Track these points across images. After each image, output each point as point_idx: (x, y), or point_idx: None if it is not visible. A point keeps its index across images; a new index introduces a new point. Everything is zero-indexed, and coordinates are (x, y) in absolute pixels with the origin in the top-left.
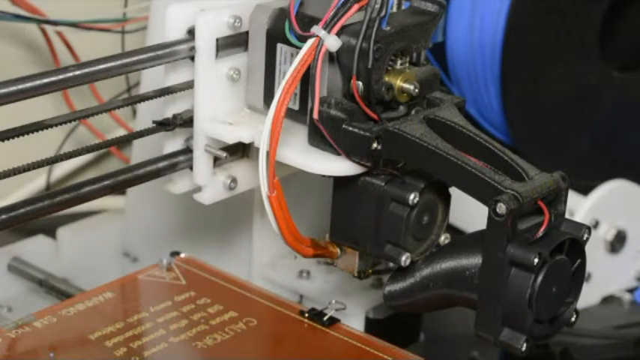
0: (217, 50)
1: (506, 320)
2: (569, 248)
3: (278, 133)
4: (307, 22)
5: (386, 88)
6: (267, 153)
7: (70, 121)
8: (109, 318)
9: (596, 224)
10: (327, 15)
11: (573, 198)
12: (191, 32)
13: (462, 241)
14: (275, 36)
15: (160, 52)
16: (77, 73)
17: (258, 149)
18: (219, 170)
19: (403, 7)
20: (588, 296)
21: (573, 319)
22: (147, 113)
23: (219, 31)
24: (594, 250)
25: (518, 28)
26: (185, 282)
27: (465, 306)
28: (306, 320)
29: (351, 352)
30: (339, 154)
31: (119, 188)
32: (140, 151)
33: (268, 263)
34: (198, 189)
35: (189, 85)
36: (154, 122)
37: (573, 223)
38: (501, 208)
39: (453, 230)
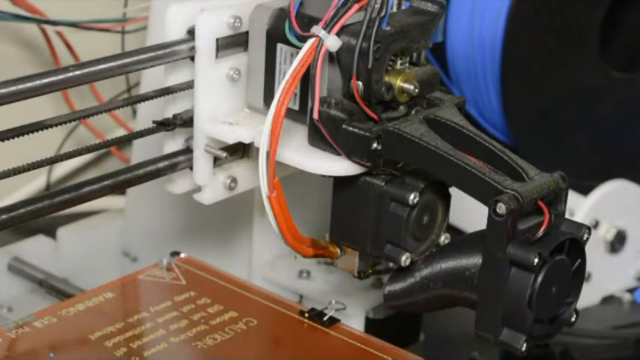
0: (217, 50)
1: (506, 320)
2: (569, 248)
3: (278, 133)
4: (307, 22)
5: (386, 88)
6: (267, 153)
7: (70, 121)
8: (109, 318)
9: (596, 224)
10: (327, 15)
11: (573, 198)
12: (191, 32)
13: (462, 241)
14: (275, 36)
15: (159, 52)
16: (77, 73)
17: (258, 149)
18: (219, 170)
19: (403, 7)
20: (588, 296)
21: (573, 319)
22: (147, 113)
23: (219, 31)
24: (594, 250)
25: (519, 28)
26: (185, 282)
27: (465, 306)
28: (306, 320)
29: (351, 352)
30: (339, 154)
31: (119, 188)
32: (140, 151)
33: (268, 263)
34: (198, 189)
35: (189, 85)
36: (154, 122)
37: (573, 223)
38: (501, 208)
39: (453, 230)
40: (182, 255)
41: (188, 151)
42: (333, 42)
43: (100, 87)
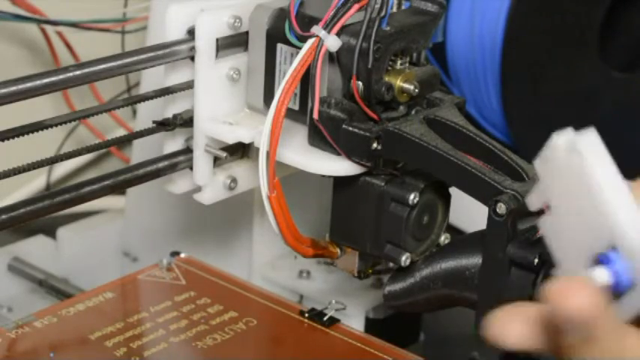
0: (217, 50)
1: None
2: None
3: (278, 133)
4: (307, 22)
5: (386, 88)
6: (267, 153)
7: (70, 121)
8: (109, 318)
9: None
10: (327, 15)
11: None
12: (191, 32)
13: (462, 241)
14: (275, 36)
15: (159, 52)
16: (77, 73)
17: (258, 149)
18: (219, 170)
19: (403, 7)
20: None
21: None
22: (147, 113)
23: (219, 31)
24: None
25: (519, 27)
26: (185, 282)
27: (465, 306)
28: (306, 320)
29: (351, 352)
30: (339, 154)
31: (119, 188)
32: (140, 151)
33: (268, 263)
34: (198, 189)
35: (189, 85)
36: (154, 122)
37: None
38: (501, 208)
39: (453, 230)
40: (182, 255)
41: (188, 151)
42: (333, 42)
43: (100, 87)
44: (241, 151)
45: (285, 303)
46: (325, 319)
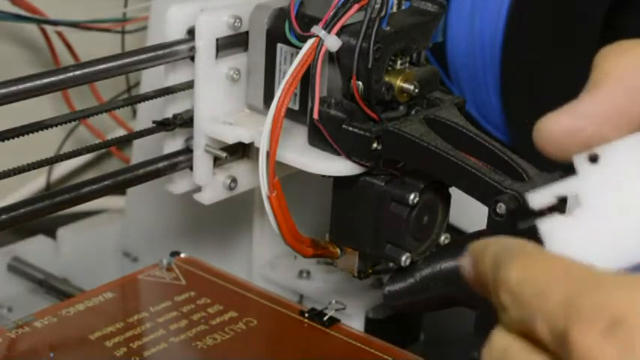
0: (217, 50)
1: None
2: None
3: (278, 133)
4: (307, 22)
5: (386, 88)
6: (267, 153)
7: (70, 121)
8: (109, 318)
9: None
10: (327, 15)
11: None
12: (191, 32)
13: (462, 241)
14: (275, 36)
15: (159, 52)
16: (77, 73)
17: (258, 149)
18: (219, 170)
19: (403, 7)
20: None
21: None
22: (147, 113)
23: (219, 31)
24: None
25: (518, 28)
26: (185, 282)
27: (465, 306)
28: (306, 320)
29: (351, 352)
30: (339, 154)
31: (119, 188)
32: (140, 151)
33: (268, 263)
34: (198, 189)
35: (189, 85)
36: (154, 122)
37: None
38: (501, 208)
39: (453, 230)
40: (182, 255)
41: (188, 151)
42: (333, 42)
43: (100, 87)
44: (241, 151)
45: (285, 303)
46: (325, 319)
